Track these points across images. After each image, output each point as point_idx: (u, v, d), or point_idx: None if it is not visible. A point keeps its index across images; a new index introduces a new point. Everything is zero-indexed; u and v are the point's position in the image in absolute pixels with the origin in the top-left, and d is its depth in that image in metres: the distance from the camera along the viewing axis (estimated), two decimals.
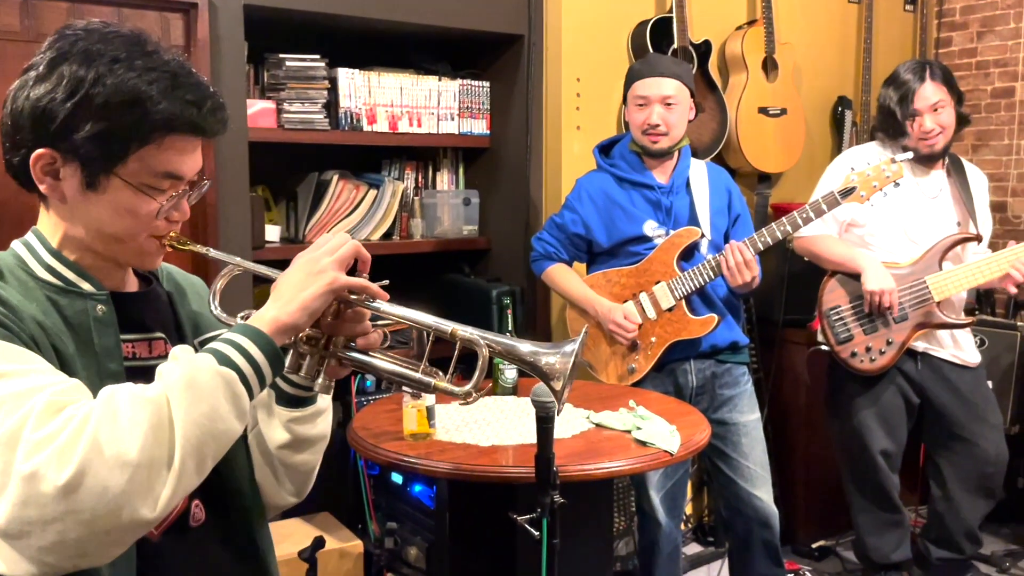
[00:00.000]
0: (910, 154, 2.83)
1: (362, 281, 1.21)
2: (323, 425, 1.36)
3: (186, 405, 1.03)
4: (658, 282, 2.74)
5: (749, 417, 2.83)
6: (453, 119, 3.40)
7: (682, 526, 3.18)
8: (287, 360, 1.25)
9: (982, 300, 3.98)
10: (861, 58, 4.12)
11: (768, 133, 3.74)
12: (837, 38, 4.11)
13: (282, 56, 3.02)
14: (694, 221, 2.78)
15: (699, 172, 2.85)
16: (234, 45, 2.75)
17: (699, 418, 2.37)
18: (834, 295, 3.04)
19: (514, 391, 2.61)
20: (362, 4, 2.96)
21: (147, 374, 1.11)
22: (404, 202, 3.40)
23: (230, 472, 1.29)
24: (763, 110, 3.71)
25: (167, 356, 1.18)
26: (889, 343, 2.98)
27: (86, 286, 1.19)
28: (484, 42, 3.44)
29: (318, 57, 3.07)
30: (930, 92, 2.96)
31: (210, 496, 1.26)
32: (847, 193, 2.63)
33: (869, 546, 3.22)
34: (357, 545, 2.88)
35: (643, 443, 2.12)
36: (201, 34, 2.67)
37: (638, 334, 2.76)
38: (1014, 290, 2.97)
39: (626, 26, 3.42)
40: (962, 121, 3.07)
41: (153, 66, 1.13)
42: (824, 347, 3.09)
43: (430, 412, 2.18)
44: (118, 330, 1.20)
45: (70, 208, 1.17)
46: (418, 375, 1.27)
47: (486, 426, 2.27)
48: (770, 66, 3.73)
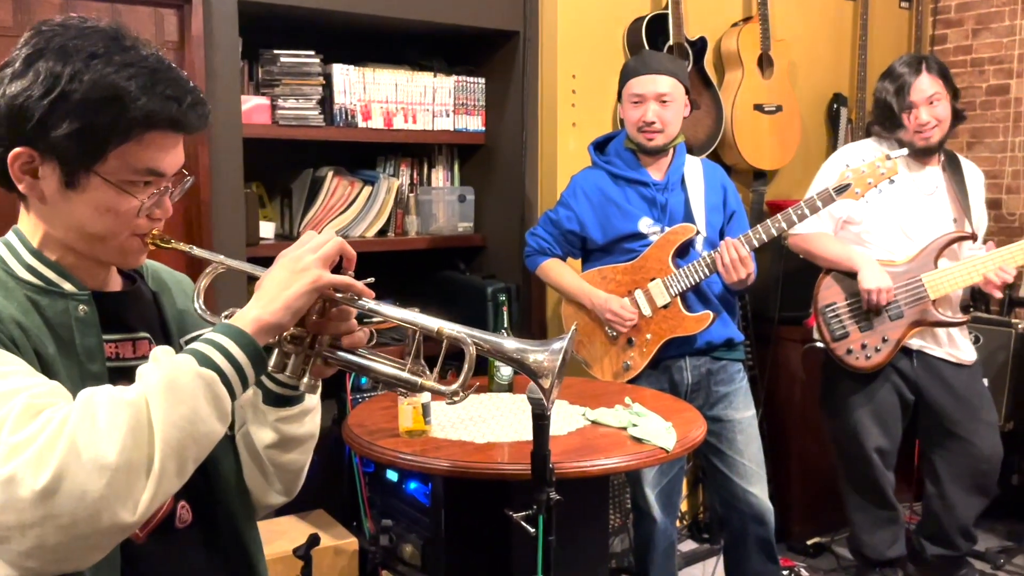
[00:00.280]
0: (905, 151, 2.83)
1: (346, 279, 1.19)
2: (311, 424, 1.35)
3: (166, 407, 1.02)
4: (653, 279, 2.74)
5: (744, 414, 2.83)
6: (448, 116, 3.39)
7: (677, 523, 3.18)
8: (272, 360, 1.23)
9: (977, 297, 3.99)
10: (856, 55, 4.12)
11: (764, 130, 3.74)
12: (832, 35, 4.12)
13: (277, 52, 3.01)
14: (689, 218, 2.78)
15: (694, 169, 2.85)
16: (228, 41, 2.73)
17: (695, 415, 2.37)
18: (830, 292, 3.05)
19: (510, 388, 2.61)
20: (357, 0, 2.96)
21: (131, 375, 1.09)
22: (399, 199, 3.39)
23: (216, 473, 1.28)
24: (759, 107, 3.71)
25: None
26: (885, 340, 2.99)
27: (67, 286, 1.17)
28: (479, 38, 3.43)
29: (313, 53, 3.06)
30: (926, 85, 2.96)
31: (196, 497, 1.25)
32: (842, 190, 2.63)
33: (864, 543, 3.23)
34: (352, 542, 2.88)
35: (639, 440, 2.12)
36: (195, 30, 2.66)
37: (633, 331, 2.76)
38: (998, 294, 2.98)
39: (622, 23, 3.42)
40: (957, 117, 3.07)
41: (131, 62, 1.11)
42: (820, 344, 3.09)
43: (426, 409, 2.17)
44: (100, 330, 1.18)
45: (50, 207, 1.15)
46: (405, 374, 1.25)
47: (482, 423, 2.27)
48: (766, 63, 3.73)
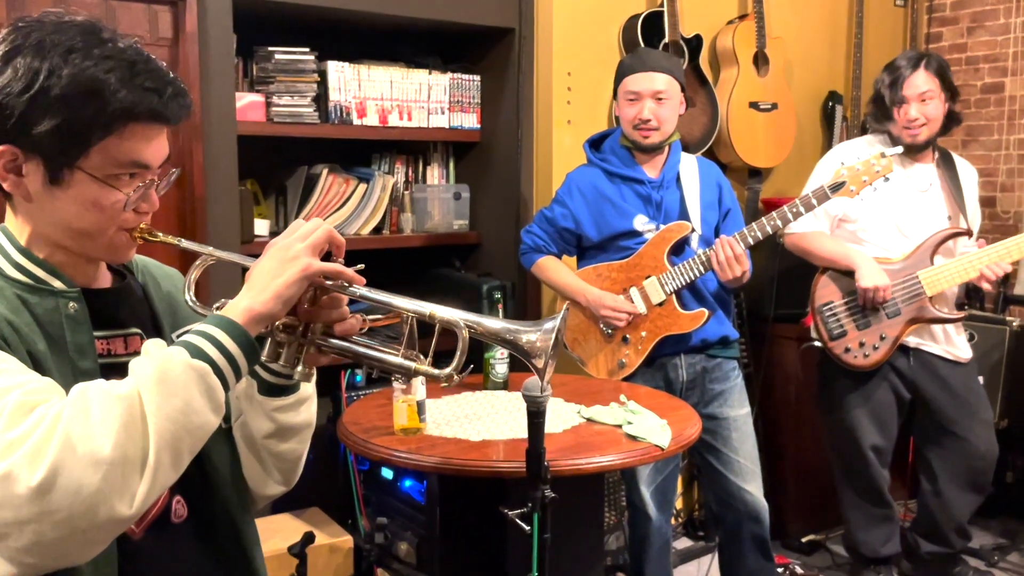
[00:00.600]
0: (900, 148, 2.84)
1: (336, 266, 1.19)
2: (307, 413, 1.35)
3: (159, 400, 1.01)
4: (648, 277, 2.74)
5: (739, 412, 2.83)
6: (443, 113, 3.39)
7: (672, 520, 3.18)
8: (265, 349, 1.24)
9: (972, 295, 3.99)
10: (852, 53, 4.12)
11: (759, 128, 3.74)
12: (828, 33, 4.12)
13: (271, 49, 3.00)
14: (684, 216, 2.78)
15: (689, 167, 2.85)
16: (223, 38, 2.73)
17: (690, 412, 2.36)
18: (826, 291, 3.05)
19: (505, 386, 2.60)
20: None
21: (123, 371, 1.09)
22: (394, 196, 3.38)
23: (212, 467, 1.28)
24: (754, 105, 3.71)
25: None
26: (882, 338, 2.99)
27: (57, 284, 1.16)
28: (475, 35, 3.43)
29: (307, 50, 3.05)
30: (920, 81, 2.96)
31: (191, 492, 1.25)
32: (837, 187, 2.63)
33: (859, 540, 3.23)
34: (347, 540, 2.87)
35: (634, 438, 2.12)
36: (189, 26, 2.65)
37: (628, 328, 2.75)
38: (989, 288, 2.98)
39: (617, 20, 3.42)
40: (953, 118, 3.07)
41: (110, 54, 1.11)
42: (817, 343, 3.09)
43: (420, 407, 2.17)
44: (91, 327, 1.18)
45: (36, 205, 1.15)
46: (398, 359, 1.26)
47: (477, 421, 2.27)
48: (761, 61, 3.72)
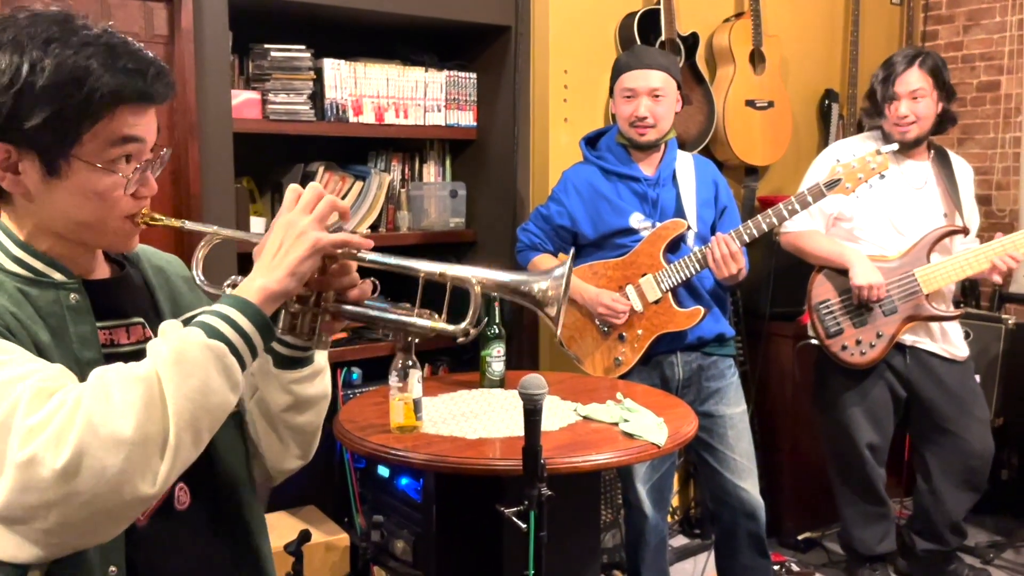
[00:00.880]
0: (895, 145, 2.84)
1: (344, 236, 1.21)
2: (322, 384, 1.37)
3: (177, 380, 1.03)
4: (644, 274, 2.74)
5: (735, 409, 2.83)
6: (440, 111, 3.38)
7: (668, 518, 3.18)
8: (280, 322, 1.26)
9: (967, 293, 4.00)
10: (848, 51, 4.12)
11: (755, 126, 3.74)
12: (824, 31, 4.12)
13: (267, 46, 2.99)
14: (680, 213, 2.77)
15: (686, 164, 2.85)
16: (219, 35, 2.72)
17: (686, 410, 2.36)
18: (823, 289, 3.05)
19: (501, 384, 2.60)
20: None
21: (127, 360, 1.10)
22: (390, 194, 3.38)
23: (216, 454, 1.28)
24: (750, 103, 3.71)
25: (146, 340, 1.18)
26: (879, 336, 2.99)
27: (57, 275, 1.18)
28: (471, 33, 3.42)
29: (303, 47, 3.04)
30: (913, 79, 2.96)
31: (194, 479, 1.25)
32: (832, 185, 2.63)
33: (855, 538, 3.24)
34: (343, 538, 2.87)
35: (630, 435, 2.12)
36: (185, 24, 2.64)
37: (624, 326, 2.75)
38: (999, 279, 2.97)
39: (614, 18, 3.41)
40: (948, 118, 3.07)
41: (88, 41, 1.11)
42: (814, 341, 3.09)
43: (417, 405, 2.16)
44: (93, 318, 1.19)
45: (37, 201, 1.16)
46: (413, 319, 1.29)
47: (473, 419, 2.27)
48: (757, 59, 3.72)
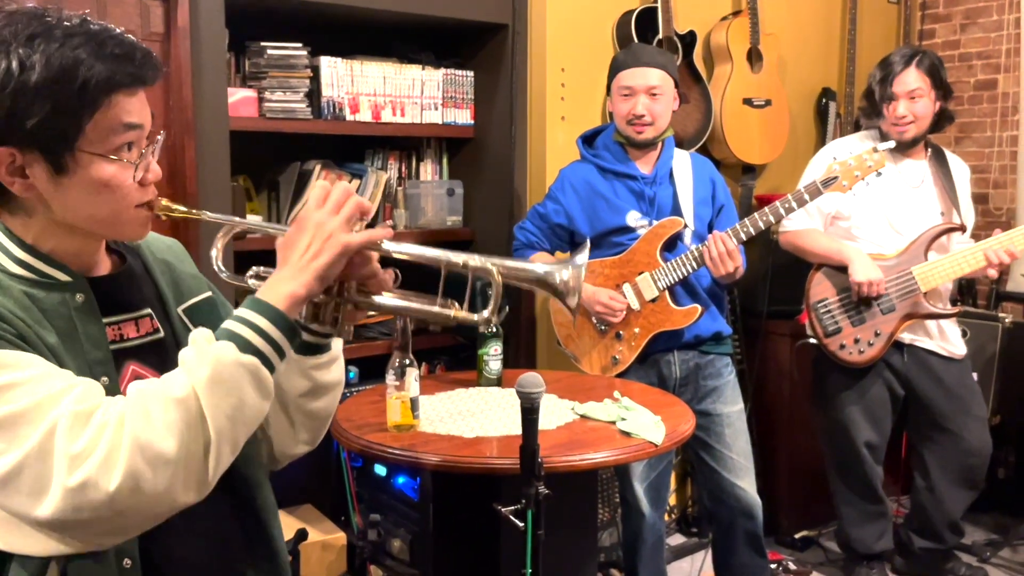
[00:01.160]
0: (892, 143, 2.84)
1: (369, 235, 1.23)
2: (338, 371, 1.39)
3: (215, 400, 1.07)
4: (641, 273, 2.74)
5: (732, 408, 2.83)
6: (437, 109, 3.37)
7: (666, 517, 3.18)
8: (303, 311, 1.28)
9: (964, 292, 4.00)
10: (845, 50, 4.12)
11: (752, 124, 3.74)
12: (821, 30, 4.12)
13: (263, 44, 2.98)
14: (677, 212, 2.77)
15: (683, 163, 2.84)
16: (215, 33, 2.71)
17: (683, 409, 2.36)
18: (821, 288, 3.05)
19: (498, 382, 2.60)
20: None
21: (137, 354, 1.16)
22: (387, 192, 3.37)
23: None
24: (748, 101, 3.71)
25: (155, 332, 1.22)
26: (877, 334, 2.99)
27: (61, 276, 1.18)
28: (468, 31, 3.42)
29: (300, 45, 3.04)
30: (910, 79, 2.96)
31: None
32: (829, 182, 2.63)
33: (852, 536, 3.24)
34: (340, 537, 2.86)
35: (627, 434, 2.12)
36: (181, 21, 2.63)
37: (621, 324, 2.75)
38: (994, 274, 2.97)
39: (611, 16, 3.41)
40: (945, 117, 3.07)
41: (71, 32, 1.12)
42: (812, 340, 3.09)
43: (414, 403, 2.16)
44: (100, 316, 1.20)
45: (49, 201, 1.16)
46: (436, 308, 1.30)
47: (470, 417, 2.26)
48: (755, 57, 3.72)
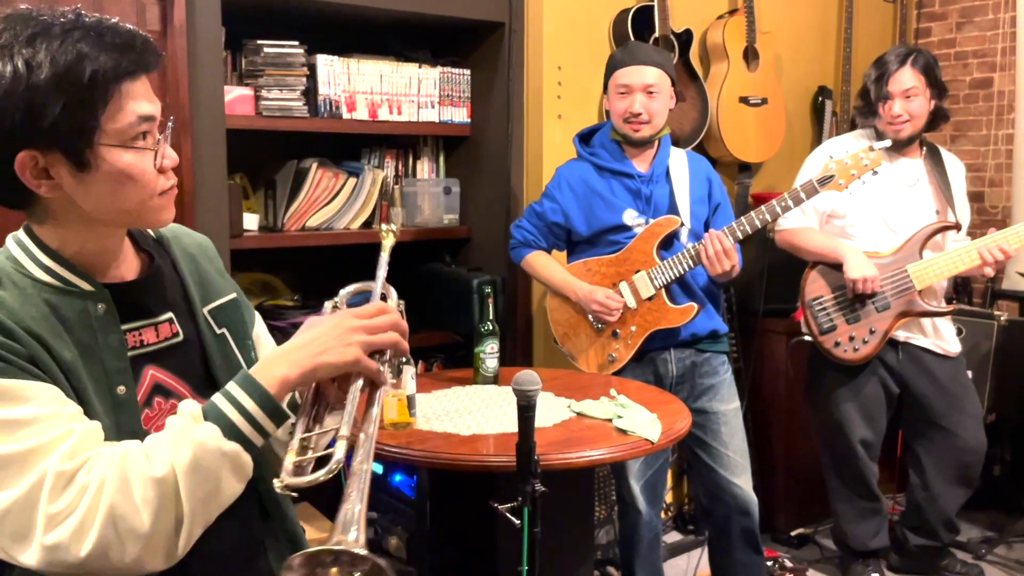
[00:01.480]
0: (888, 142, 2.84)
1: (378, 374, 1.21)
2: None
3: (192, 486, 1.08)
4: (638, 271, 2.74)
5: (729, 406, 2.83)
6: (433, 107, 3.37)
7: (662, 514, 3.19)
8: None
9: (960, 290, 4.01)
10: (842, 48, 4.13)
11: (749, 122, 3.74)
12: (818, 28, 4.12)
13: (260, 42, 2.98)
14: (674, 210, 2.78)
15: (679, 161, 2.85)
16: (211, 31, 2.71)
17: (680, 406, 2.37)
18: (816, 285, 3.05)
19: (495, 380, 2.60)
20: None
21: (156, 358, 1.22)
22: (384, 191, 3.37)
23: None
24: (744, 99, 3.71)
25: (174, 336, 1.24)
26: (872, 332, 3.00)
27: (84, 285, 1.18)
28: (465, 29, 3.41)
29: (297, 43, 3.03)
30: (906, 78, 2.97)
31: None
32: (825, 181, 2.63)
33: (848, 533, 3.25)
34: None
35: (624, 432, 2.12)
36: (178, 20, 2.63)
37: (618, 323, 2.75)
38: (990, 272, 2.98)
39: (607, 14, 3.41)
40: (940, 115, 3.08)
41: (69, 27, 1.12)
42: (807, 337, 3.10)
43: (411, 402, 2.17)
44: (120, 327, 1.20)
45: (76, 199, 1.15)
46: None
47: (467, 415, 2.27)
48: (751, 55, 3.73)
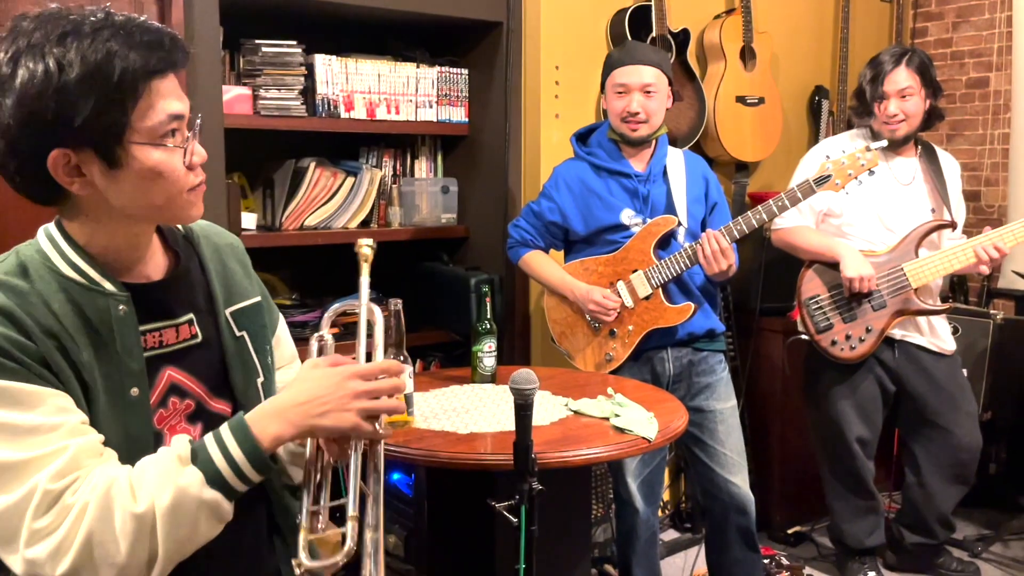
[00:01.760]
0: (884, 142, 2.85)
1: (375, 436, 1.25)
2: None
3: (169, 528, 1.11)
4: (635, 270, 2.75)
5: (726, 404, 2.84)
6: (431, 106, 3.38)
7: (659, 512, 3.20)
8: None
9: (956, 289, 4.02)
10: (838, 48, 4.14)
11: (746, 122, 3.75)
12: (814, 28, 4.13)
13: (258, 42, 2.98)
14: (671, 209, 2.78)
15: (676, 160, 2.85)
16: (209, 30, 2.71)
17: (676, 405, 2.37)
18: (812, 284, 3.06)
19: (492, 379, 2.61)
20: None
21: (173, 358, 1.24)
22: (382, 190, 3.38)
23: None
24: (741, 99, 3.72)
25: (192, 338, 1.27)
26: (868, 331, 3.01)
27: (108, 285, 1.20)
28: (462, 29, 3.42)
29: (295, 43, 3.04)
30: (901, 78, 2.98)
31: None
32: (822, 181, 2.64)
33: (844, 531, 3.26)
34: (335, 533, 2.87)
35: (621, 430, 2.13)
36: (176, 19, 2.63)
37: (615, 322, 2.76)
38: (986, 270, 2.99)
39: (605, 14, 3.42)
40: (936, 115, 3.08)
41: (98, 25, 1.12)
42: (804, 336, 3.11)
43: (408, 400, 2.17)
44: (138, 329, 1.21)
45: (106, 195, 1.16)
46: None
47: (464, 414, 2.27)
48: (748, 55, 3.73)
